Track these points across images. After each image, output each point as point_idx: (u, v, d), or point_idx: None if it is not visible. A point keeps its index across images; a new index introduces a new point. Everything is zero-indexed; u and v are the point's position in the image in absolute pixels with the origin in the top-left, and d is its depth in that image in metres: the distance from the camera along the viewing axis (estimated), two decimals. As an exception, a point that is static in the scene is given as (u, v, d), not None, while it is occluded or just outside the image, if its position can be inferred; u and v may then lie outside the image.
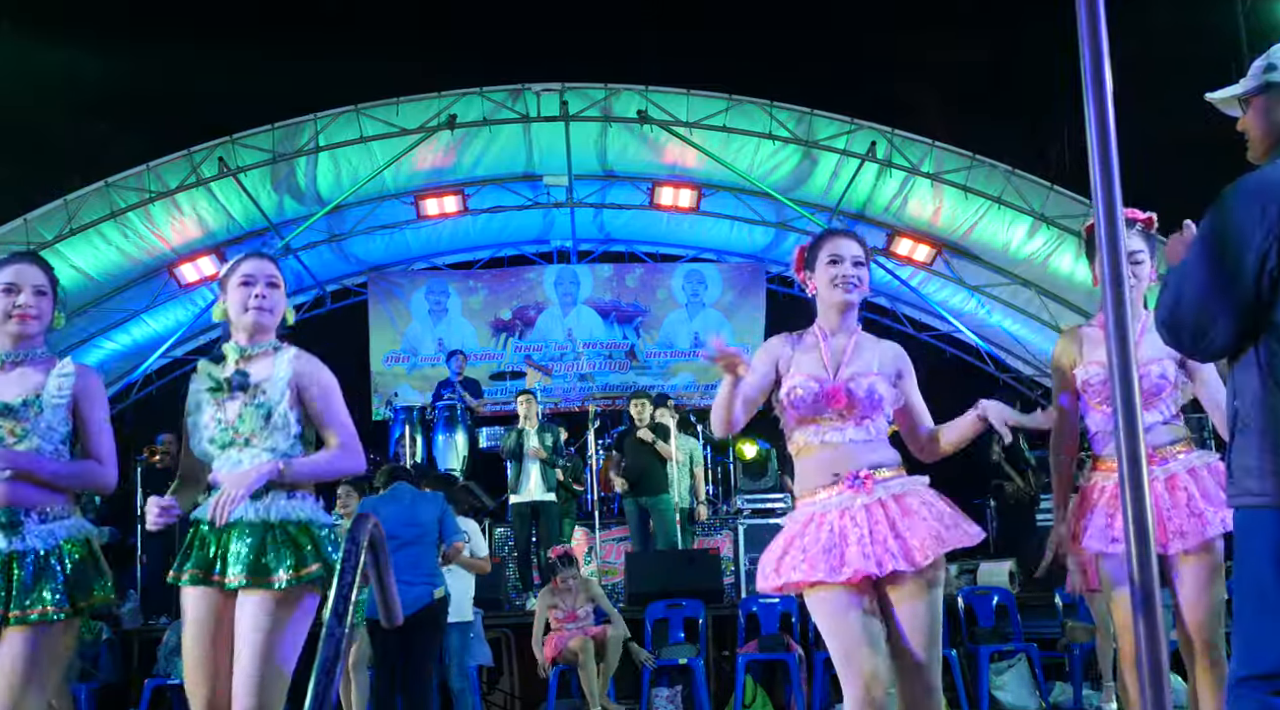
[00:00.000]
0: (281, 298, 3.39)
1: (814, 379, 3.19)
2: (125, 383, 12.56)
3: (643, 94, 11.07)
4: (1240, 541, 2.35)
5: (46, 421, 3.25)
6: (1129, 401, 1.67)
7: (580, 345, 12.93)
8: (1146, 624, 1.66)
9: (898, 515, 3.09)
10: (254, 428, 3.22)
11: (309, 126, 10.85)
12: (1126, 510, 1.67)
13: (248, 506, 3.15)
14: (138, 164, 10.65)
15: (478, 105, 11.07)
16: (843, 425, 3.18)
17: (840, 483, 3.13)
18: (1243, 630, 2.31)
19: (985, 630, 7.88)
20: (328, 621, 2.43)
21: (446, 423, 10.42)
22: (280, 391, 3.25)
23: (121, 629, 8.48)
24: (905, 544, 3.05)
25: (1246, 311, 2.29)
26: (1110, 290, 1.70)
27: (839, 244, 3.31)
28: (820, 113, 11.13)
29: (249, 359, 3.33)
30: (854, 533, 3.05)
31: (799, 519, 3.18)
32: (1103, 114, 1.71)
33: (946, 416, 3.35)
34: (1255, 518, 2.30)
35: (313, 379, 3.30)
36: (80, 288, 11.03)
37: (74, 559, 3.21)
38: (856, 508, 3.09)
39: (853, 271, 3.27)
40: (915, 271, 12.36)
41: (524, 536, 9.44)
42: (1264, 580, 2.27)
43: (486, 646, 7.43)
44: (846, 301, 3.28)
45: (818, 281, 3.31)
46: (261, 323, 3.33)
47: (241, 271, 3.36)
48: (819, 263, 3.30)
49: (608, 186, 12.51)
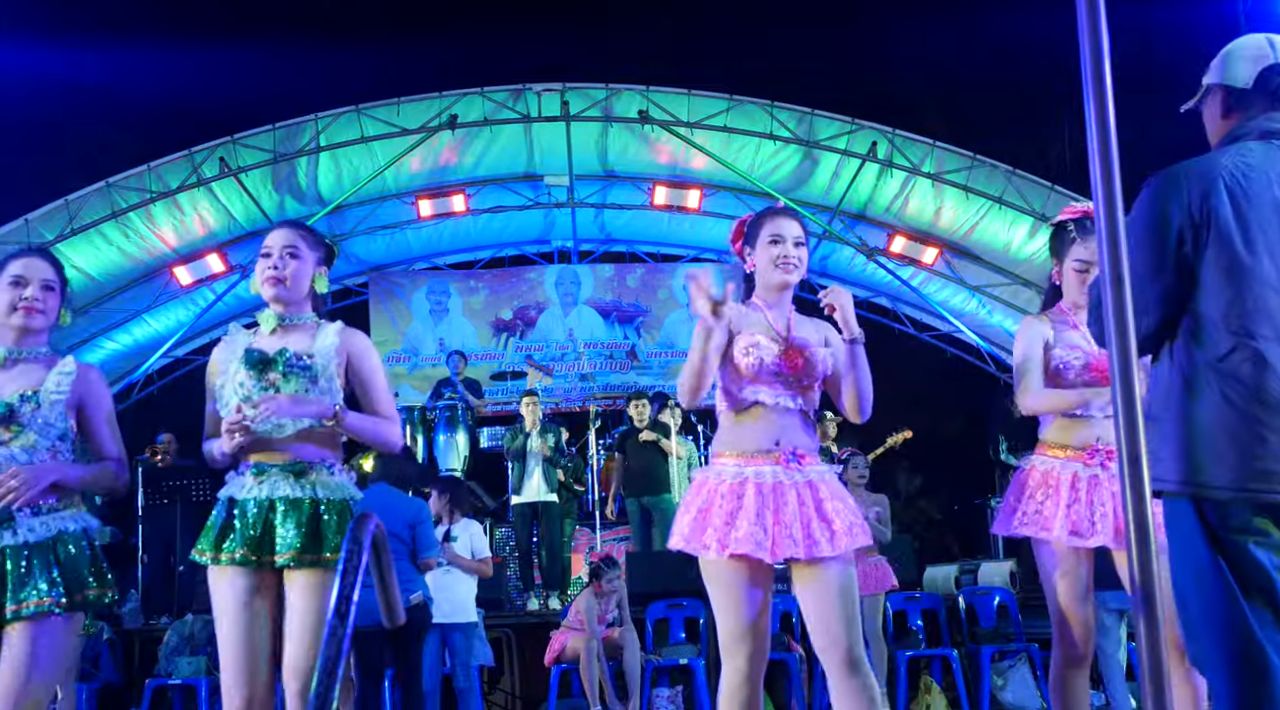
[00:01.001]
0: (301, 268, 3.31)
1: (774, 340, 3.20)
2: (126, 383, 12.56)
3: (643, 94, 11.07)
4: (1167, 530, 2.36)
5: (43, 417, 3.19)
6: (1129, 401, 1.67)
7: (581, 345, 12.92)
8: (1147, 624, 1.67)
9: (827, 497, 3.14)
10: (298, 388, 3.19)
11: (310, 126, 10.86)
12: (1127, 510, 1.67)
13: (292, 484, 3.15)
14: (138, 164, 10.65)
15: (479, 105, 11.07)
16: (792, 393, 3.20)
17: (779, 454, 3.14)
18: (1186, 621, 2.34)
19: (986, 630, 7.88)
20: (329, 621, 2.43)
21: (447, 423, 10.43)
22: (328, 358, 3.23)
23: (122, 629, 8.48)
24: (831, 529, 3.09)
25: (1173, 299, 2.32)
26: (1110, 290, 1.70)
27: (781, 224, 3.31)
28: (821, 113, 11.13)
29: (287, 329, 3.30)
30: (784, 512, 3.07)
31: (725, 479, 3.14)
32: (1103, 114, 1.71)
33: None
34: (1173, 506, 2.33)
35: (362, 353, 3.30)
36: (81, 288, 11.03)
37: (69, 552, 3.15)
38: (788, 486, 3.11)
39: (794, 252, 3.28)
40: (916, 271, 12.36)
41: (525, 537, 9.44)
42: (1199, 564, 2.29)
43: (488, 647, 7.43)
44: (786, 282, 3.29)
45: (758, 259, 3.32)
46: (279, 296, 3.28)
47: (264, 243, 3.33)
48: (760, 241, 3.31)
49: (608, 186, 12.52)
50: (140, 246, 11.17)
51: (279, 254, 3.28)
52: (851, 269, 13.06)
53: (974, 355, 13.26)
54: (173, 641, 7.70)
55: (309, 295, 3.35)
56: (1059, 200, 10.86)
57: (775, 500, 3.09)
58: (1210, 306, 2.29)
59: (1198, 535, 2.27)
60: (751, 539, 3.04)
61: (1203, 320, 2.30)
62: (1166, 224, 2.30)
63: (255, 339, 3.30)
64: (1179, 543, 2.32)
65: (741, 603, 3.09)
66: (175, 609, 8.71)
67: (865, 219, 12.08)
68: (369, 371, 3.31)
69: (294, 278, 3.28)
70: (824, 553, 3.06)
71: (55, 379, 3.24)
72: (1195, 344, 2.31)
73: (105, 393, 3.35)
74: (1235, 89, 2.48)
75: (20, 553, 3.10)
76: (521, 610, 8.86)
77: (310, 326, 3.32)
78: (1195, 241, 2.29)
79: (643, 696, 7.41)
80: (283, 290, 3.27)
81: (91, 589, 3.16)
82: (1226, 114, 2.51)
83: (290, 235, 3.33)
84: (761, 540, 3.04)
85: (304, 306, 3.34)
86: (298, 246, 3.31)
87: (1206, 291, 2.29)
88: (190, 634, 7.75)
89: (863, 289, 13.28)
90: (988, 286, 12.35)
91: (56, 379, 3.24)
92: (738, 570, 3.08)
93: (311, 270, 3.34)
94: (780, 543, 3.05)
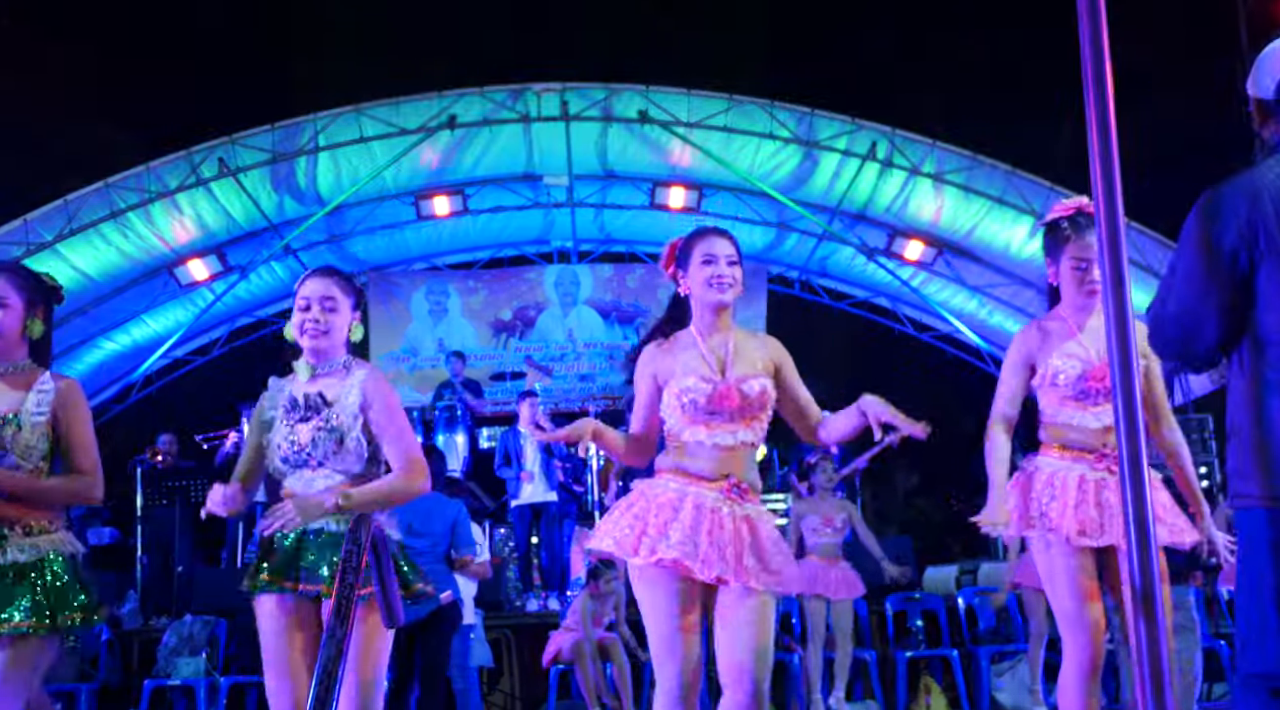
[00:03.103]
0: (339, 321, 3.34)
1: (705, 380, 3.17)
2: (125, 383, 12.56)
3: (643, 94, 11.06)
4: (1239, 541, 2.38)
5: (25, 441, 3.18)
6: (1129, 402, 1.67)
7: (581, 345, 12.92)
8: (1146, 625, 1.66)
9: (763, 536, 3.12)
10: (326, 451, 3.23)
11: (309, 126, 10.84)
12: (1127, 510, 1.67)
13: (328, 520, 3.18)
14: (137, 164, 10.64)
15: (478, 105, 11.06)
16: (734, 428, 3.17)
17: (724, 484, 3.13)
18: (1243, 628, 2.33)
19: (986, 631, 7.88)
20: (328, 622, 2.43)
21: (447, 423, 10.42)
22: (353, 416, 3.25)
23: (121, 629, 8.48)
24: (762, 563, 3.07)
25: (1229, 316, 2.31)
26: (1110, 290, 1.70)
27: (713, 242, 3.28)
28: (821, 113, 11.12)
29: (319, 376, 3.34)
30: (719, 534, 3.05)
31: (666, 492, 3.14)
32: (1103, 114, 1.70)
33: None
34: (1248, 517, 2.33)
35: (377, 399, 3.30)
36: (80, 288, 11.03)
37: (55, 573, 3.15)
38: (727, 514, 3.09)
39: (727, 271, 3.25)
40: (916, 272, 12.36)
41: (525, 538, 9.44)
42: (1256, 577, 2.29)
43: (487, 647, 7.43)
44: (721, 302, 3.25)
45: (691, 282, 3.28)
46: (317, 347, 3.31)
47: (299, 294, 3.36)
48: (692, 262, 3.28)
49: (608, 186, 12.51)
50: (139, 247, 11.16)
51: (318, 307, 3.31)
52: (851, 269, 13.06)
53: (973, 355, 13.25)
54: (171, 642, 7.69)
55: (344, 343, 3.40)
56: (1059, 200, 10.84)
57: (712, 520, 3.07)
58: (1269, 320, 2.29)
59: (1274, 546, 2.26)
60: (681, 548, 3.02)
61: (1263, 334, 2.30)
62: (1218, 243, 2.29)
63: (293, 388, 3.34)
64: (1256, 556, 2.30)
65: (667, 612, 3.09)
66: (174, 610, 8.71)
67: (865, 219, 12.07)
68: (384, 422, 3.29)
69: (332, 331, 3.33)
70: (751, 582, 3.04)
71: (34, 399, 3.22)
72: (1259, 358, 2.31)
73: (83, 406, 3.32)
74: (1264, 100, 2.47)
75: (5, 572, 3.10)
76: (521, 611, 8.85)
77: (340, 372, 3.34)
78: (1250, 258, 2.28)
79: (642, 697, 7.41)
80: (323, 341, 3.31)
81: (75, 612, 3.16)
82: (1263, 124, 2.50)
83: (326, 285, 3.35)
84: (692, 552, 3.01)
85: (339, 353, 3.37)
86: (335, 298, 3.34)
87: (1264, 305, 2.29)
88: (189, 635, 7.75)
89: (863, 289, 13.29)
90: (987, 286, 12.35)
91: (36, 398, 3.22)
92: (666, 579, 3.07)
93: (348, 320, 3.37)
94: (711, 561, 3.02)
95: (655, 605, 3.11)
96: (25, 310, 3.29)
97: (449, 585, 5.99)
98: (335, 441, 3.22)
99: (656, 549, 3.04)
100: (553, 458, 9.30)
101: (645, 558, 3.05)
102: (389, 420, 3.29)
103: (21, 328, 3.28)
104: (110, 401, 12.48)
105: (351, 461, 3.24)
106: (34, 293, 3.33)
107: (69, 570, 3.20)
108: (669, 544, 3.03)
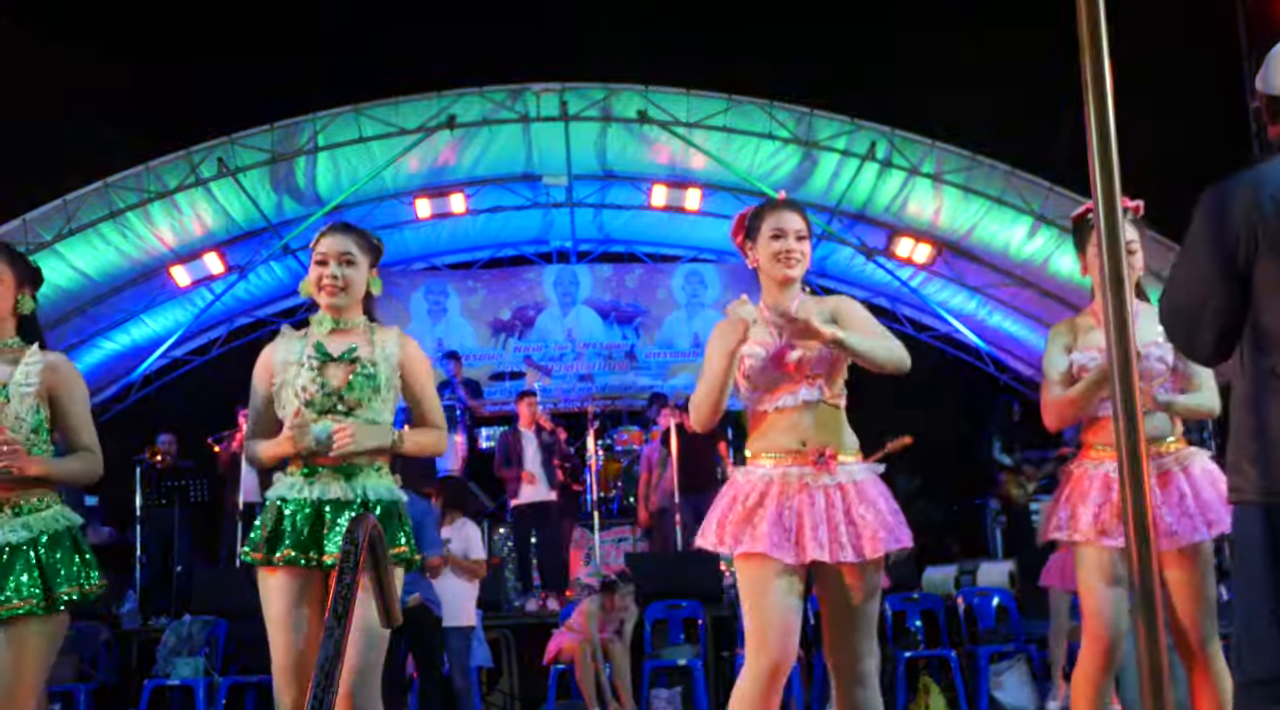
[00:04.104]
0: (357, 274, 3.33)
1: (761, 345, 3.17)
2: (124, 383, 12.55)
3: (642, 94, 11.06)
4: (1235, 539, 2.36)
5: (14, 411, 3.14)
6: (1128, 400, 1.67)
7: (580, 345, 12.92)
8: (1146, 624, 1.66)
9: (855, 501, 3.08)
10: (362, 397, 3.24)
11: (308, 126, 10.84)
12: (1126, 509, 1.66)
13: (343, 485, 3.19)
14: (136, 164, 10.64)
15: (477, 105, 11.06)
16: (796, 389, 3.16)
17: (806, 455, 3.11)
18: (1241, 632, 2.31)
19: (985, 631, 7.87)
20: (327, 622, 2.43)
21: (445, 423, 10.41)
22: (393, 368, 3.30)
23: (120, 629, 8.48)
24: (857, 534, 3.05)
25: (1231, 314, 2.31)
26: (1110, 289, 1.69)
27: (783, 216, 3.26)
28: (820, 113, 11.12)
29: (342, 332, 3.33)
30: (810, 515, 3.04)
31: (753, 478, 3.13)
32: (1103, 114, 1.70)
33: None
34: (1243, 513, 2.32)
35: (418, 368, 3.38)
36: (79, 288, 11.04)
37: (50, 549, 3.11)
38: (817, 487, 3.07)
39: (796, 246, 3.24)
40: (915, 272, 12.36)
41: (524, 538, 9.43)
42: (1251, 576, 2.27)
43: (486, 647, 7.43)
44: (789, 277, 3.25)
45: (760, 255, 3.27)
46: (335, 304, 3.31)
47: (315, 249, 3.35)
48: (761, 236, 3.26)
49: (607, 187, 12.51)
50: (138, 247, 11.16)
51: (335, 261, 3.30)
52: (850, 269, 13.06)
53: (973, 356, 13.26)
54: (171, 642, 7.69)
55: (362, 298, 3.39)
56: (1058, 200, 10.86)
57: (800, 501, 3.06)
58: (1268, 318, 2.28)
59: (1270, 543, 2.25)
60: (768, 538, 3.01)
61: (1263, 331, 2.30)
62: (1221, 239, 2.29)
63: (312, 337, 3.32)
64: (1251, 554, 2.30)
65: (761, 604, 3.05)
66: (173, 610, 8.71)
67: (864, 219, 12.07)
68: (422, 384, 3.39)
69: (351, 285, 3.32)
70: (847, 558, 3.02)
71: (23, 371, 3.19)
72: (1260, 354, 2.31)
73: (77, 381, 3.29)
74: (1275, 97, 2.46)
75: (1, 552, 3.07)
76: (520, 611, 8.85)
77: (363, 331, 3.35)
78: (1249, 255, 2.28)
79: (641, 697, 7.41)
80: (341, 297, 3.31)
81: (75, 587, 3.12)
82: (1273, 120, 2.48)
83: (344, 241, 3.34)
84: (779, 540, 3.01)
85: (357, 310, 3.37)
86: (353, 252, 3.33)
87: (1263, 303, 2.29)
88: (188, 635, 7.75)
89: (862, 289, 13.28)
90: (987, 287, 12.35)
91: (24, 370, 3.19)
92: (760, 569, 3.05)
93: (366, 275, 3.36)
94: (804, 546, 3.01)
95: (753, 594, 3.07)
96: (17, 286, 3.28)
97: (416, 587, 5.97)
98: (373, 388, 3.24)
99: (746, 540, 3.03)
100: (553, 457, 9.30)
101: (730, 550, 3.06)
102: (426, 387, 3.39)
103: (14, 303, 3.28)
104: (109, 401, 12.47)
105: (384, 410, 3.27)
106: (24, 270, 3.33)
107: (64, 545, 3.15)
108: (754, 536, 3.03)
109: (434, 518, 6.20)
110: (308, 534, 3.16)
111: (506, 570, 9.26)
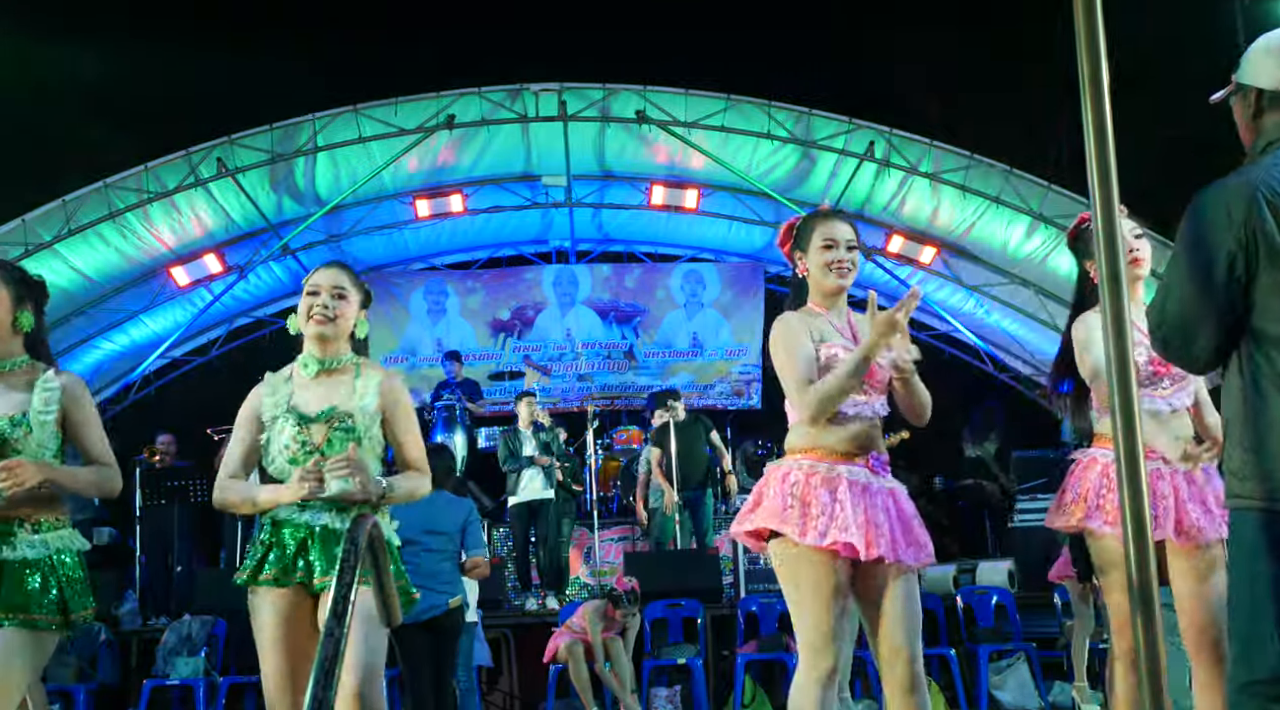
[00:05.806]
0: (348, 310, 3.34)
1: (848, 349, 3.14)
2: (124, 383, 12.55)
3: (641, 94, 11.06)
4: (1231, 544, 2.36)
5: (37, 440, 3.16)
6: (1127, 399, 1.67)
7: (579, 345, 12.93)
8: (1145, 624, 1.66)
9: (908, 510, 3.12)
10: (342, 451, 3.21)
11: (307, 127, 10.84)
12: (1125, 508, 1.67)
13: (333, 516, 3.19)
14: (136, 165, 10.64)
15: (476, 105, 11.06)
16: (869, 399, 3.16)
17: (866, 458, 3.10)
18: (1238, 633, 2.31)
19: (984, 630, 7.88)
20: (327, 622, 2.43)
21: (445, 423, 10.42)
22: (372, 418, 3.28)
23: (120, 629, 8.47)
24: (915, 539, 3.07)
25: (1227, 319, 2.29)
26: (1109, 289, 1.70)
27: (833, 226, 3.26)
28: (819, 112, 11.12)
29: (329, 373, 3.33)
30: (874, 512, 3.02)
31: (818, 472, 3.06)
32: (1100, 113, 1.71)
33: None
34: (1241, 519, 2.32)
35: (395, 403, 3.34)
36: (78, 288, 11.03)
37: (66, 570, 3.16)
38: (876, 490, 3.07)
39: (847, 256, 3.25)
40: (914, 271, 12.36)
41: (523, 536, 9.44)
42: (1247, 580, 2.27)
43: (486, 647, 7.43)
44: (841, 287, 3.26)
45: (810, 264, 3.27)
46: (323, 335, 3.30)
47: (309, 282, 3.36)
48: (812, 245, 3.26)
49: (606, 186, 12.51)
50: (137, 247, 11.15)
51: (327, 294, 3.32)
52: (849, 269, 13.04)
53: (971, 355, 13.26)
54: (170, 642, 7.70)
55: (349, 337, 3.39)
56: (1056, 200, 10.86)
57: (866, 499, 3.04)
58: (1267, 323, 2.27)
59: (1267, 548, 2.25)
60: (848, 531, 2.97)
61: (1261, 336, 2.28)
62: (1215, 247, 2.26)
63: (296, 386, 3.31)
64: (1247, 559, 2.30)
65: (830, 599, 3.01)
66: (173, 610, 8.71)
67: (863, 218, 12.05)
68: (404, 428, 3.35)
69: (341, 317, 3.33)
70: (908, 559, 3.03)
71: (41, 397, 3.20)
72: (1256, 361, 2.29)
73: (88, 401, 3.32)
74: (1265, 91, 2.42)
75: (16, 568, 3.10)
76: (520, 611, 8.85)
77: (348, 369, 3.34)
78: (1246, 263, 2.25)
79: (641, 696, 7.41)
80: (330, 329, 3.31)
81: (87, 610, 3.19)
82: (1257, 116, 2.44)
83: (338, 276, 3.37)
84: (859, 534, 2.97)
85: (344, 348, 3.37)
86: (345, 288, 3.36)
87: (1262, 309, 2.27)
88: (188, 635, 7.75)
89: (860, 288, 13.25)
90: (985, 286, 12.35)
91: (42, 397, 3.20)
92: (830, 564, 3.00)
93: (355, 312, 3.38)
94: (874, 541, 2.98)
95: (817, 590, 3.01)
96: (14, 302, 3.26)
97: (459, 589, 5.94)
98: (353, 443, 3.21)
99: (828, 532, 2.97)
100: (553, 457, 9.30)
101: (815, 541, 2.98)
102: (407, 424, 3.34)
103: (11, 320, 3.26)
104: (109, 402, 12.47)
105: (367, 461, 3.25)
106: (20, 285, 3.31)
107: (80, 566, 3.21)
108: (838, 527, 2.97)
109: (479, 518, 6.19)
110: (293, 557, 3.18)
111: (506, 569, 9.26)
